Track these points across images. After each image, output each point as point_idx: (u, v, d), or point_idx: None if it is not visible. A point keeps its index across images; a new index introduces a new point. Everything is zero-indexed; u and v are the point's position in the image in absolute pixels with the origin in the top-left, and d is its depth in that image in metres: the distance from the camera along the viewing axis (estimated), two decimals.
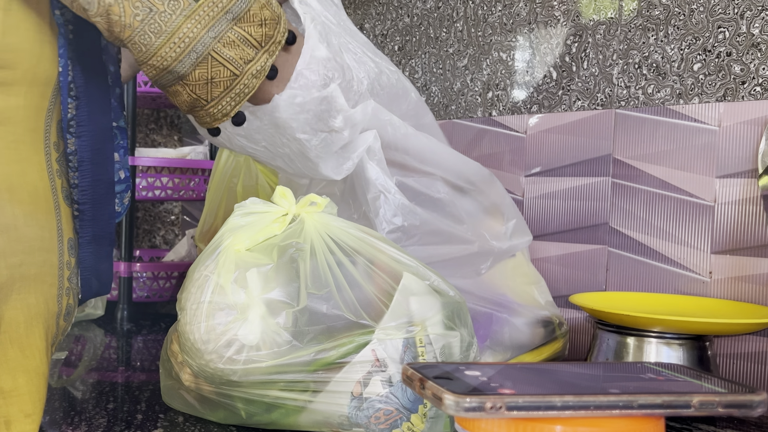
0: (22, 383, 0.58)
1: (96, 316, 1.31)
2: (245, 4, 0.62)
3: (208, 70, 0.61)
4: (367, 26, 1.39)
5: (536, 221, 1.10)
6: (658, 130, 0.96)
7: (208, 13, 0.60)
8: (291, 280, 0.66)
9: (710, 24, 0.93)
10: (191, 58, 0.60)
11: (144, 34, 0.58)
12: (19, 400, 0.58)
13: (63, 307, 0.63)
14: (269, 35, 0.64)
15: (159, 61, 0.60)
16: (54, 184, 0.63)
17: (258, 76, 0.64)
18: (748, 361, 0.88)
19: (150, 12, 0.58)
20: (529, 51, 1.13)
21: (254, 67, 0.63)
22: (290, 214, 0.70)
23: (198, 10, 0.59)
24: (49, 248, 0.61)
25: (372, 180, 0.76)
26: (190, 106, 0.65)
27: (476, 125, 1.18)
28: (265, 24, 0.63)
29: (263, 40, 0.63)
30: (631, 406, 0.36)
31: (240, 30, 0.62)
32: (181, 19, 0.59)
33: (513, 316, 0.87)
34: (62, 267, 0.63)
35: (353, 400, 0.64)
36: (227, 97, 0.64)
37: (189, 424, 0.70)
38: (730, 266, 0.90)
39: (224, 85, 0.63)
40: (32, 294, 0.60)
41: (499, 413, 0.35)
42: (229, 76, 0.62)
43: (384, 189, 0.77)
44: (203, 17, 0.60)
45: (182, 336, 0.67)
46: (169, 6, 0.58)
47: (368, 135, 0.75)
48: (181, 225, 1.87)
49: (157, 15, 0.58)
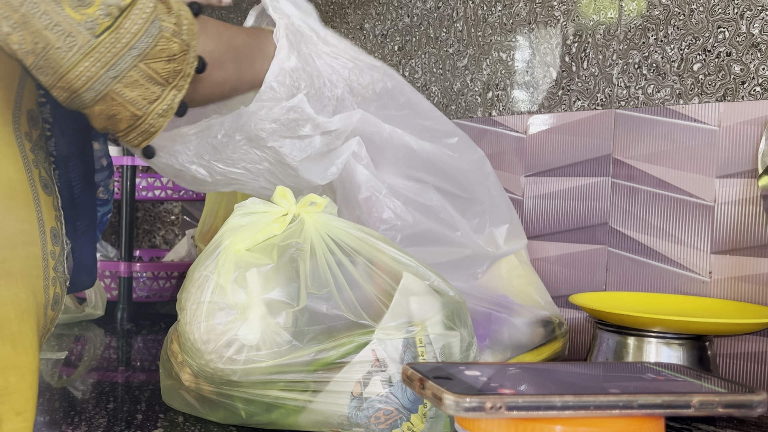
0: (13, 381, 0.58)
1: (96, 316, 1.31)
2: (151, 39, 0.57)
3: (108, 107, 0.58)
4: (367, 26, 1.39)
5: (536, 221, 1.10)
6: (658, 130, 0.96)
7: (109, 50, 0.56)
8: (291, 280, 0.66)
9: (710, 24, 0.93)
10: (89, 95, 0.57)
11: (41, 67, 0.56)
12: (10, 398, 0.58)
13: (50, 297, 0.63)
14: (177, 70, 0.60)
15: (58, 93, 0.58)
16: (31, 175, 0.62)
17: (165, 115, 0.61)
18: (748, 361, 0.88)
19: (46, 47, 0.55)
20: (529, 51, 1.13)
21: (160, 107, 0.60)
22: (290, 214, 0.70)
23: (98, 47, 0.55)
24: (31, 241, 0.61)
25: (362, 182, 0.77)
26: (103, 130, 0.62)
27: (476, 125, 1.18)
28: (173, 59, 0.59)
29: (170, 76, 0.59)
30: (631, 406, 0.36)
31: (145, 67, 0.58)
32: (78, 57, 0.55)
33: (512, 315, 0.87)
34: (46, 257, 0.62)
35: (353, 400, 0.64)
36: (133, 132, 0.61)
37: (189, 424, 0.70)
38: (730, 266, 0.90)
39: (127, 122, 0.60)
40: (21, 289, 0.59)
41: (499, 413, 0.35)
42: (131, 116, 0.59)
43: (375, 189, 0.78)
44: (103, 54, 0.56)
45: (182, 336, 0.67)
46: (65, 42, 0.55)
47: (352, 142, 0.77)
48: (181, 225, 1.87)
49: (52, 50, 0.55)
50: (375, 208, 0.78)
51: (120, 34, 0.56)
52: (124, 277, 1.33)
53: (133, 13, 0.56)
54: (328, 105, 0.74)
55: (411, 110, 0.83)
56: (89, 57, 0.55)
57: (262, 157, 0.74)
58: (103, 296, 1.32)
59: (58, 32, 0.54)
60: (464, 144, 0.88)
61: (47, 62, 0.55)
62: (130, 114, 0.59)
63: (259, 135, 0.71)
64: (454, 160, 0.86)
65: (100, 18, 0.55)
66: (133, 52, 0.57)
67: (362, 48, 1.40)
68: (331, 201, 0.71)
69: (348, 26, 1.44)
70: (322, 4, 1.48)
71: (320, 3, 1.49)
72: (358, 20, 1.41)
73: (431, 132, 0.85)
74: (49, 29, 0.54)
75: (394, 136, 0.80)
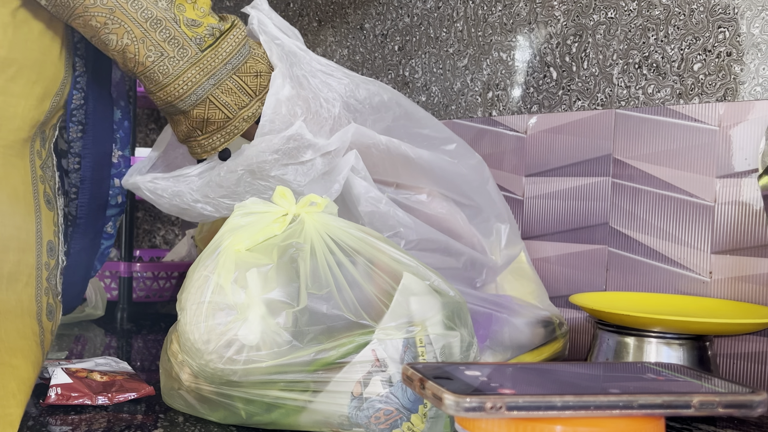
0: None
1: (96, 316, 1.31)
2: (242, 58, 0.70)
3: (205, 110, 0.70)
4: (367, 26, 1.39)
5: (536, 221, 1.10)
6: (658, 130, 0.96)
7: (211, 63, 0.68)
8: (291, 280, 0.66)
9: (710, 24, 0.93)
10: (192, 99, 0.69)
11: (154, 73, 0.67)
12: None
13: (43, 306, 0.66)
14: (263, 86, 0.72)
15: (165, 96, 0.69)
16: (36, 189, 0.67)
17: (248, 120, 0.72)
18: (748, 361, 0.88)
19: (161, 56, 0.67)
20: (529, 51, 1.13)
21: (247, 113, 0.72)
22: (290, 214, 0.70)
23: (203, 59, 0.68)
24: (25, 248, 0.65)
25: (362, 194, 0.78)
26: (186, 135, 0.72)
27: (476, 125, 1.18)
28: (260, 76, 0.72)
29: (257, 89, 0.72)
30: (631, 406, 0.36)
31: (238, 79, 0.70)
32: (187, 65, 0.67)
33: (513, 316, 0.87)
34: (40, 267, 0.66)
35: (353, 400, 0.64)
36: (218, 134, 0.72)
37: (189, 424, 0.70)
38: (730, 266, 0.90)
39: (218, 124, 0.71)
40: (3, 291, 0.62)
41: (499, 413, 0.35)
42: (223, 118, 0.71)
43: (375, 200, 0.78)
44: (206, 66, 0.68)
45: (182, 336, 0.67)
46: (178, 53, 0.67)
47: (350, 156, 0.78)
48: (181, 225, 1.87)
49: (167, 59, 0.67)
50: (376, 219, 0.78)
51: (219, 51, 0.69)
52: (124, 277, 1.33)
53: (230, 36, 0.69)
54: (325, 125, 0.76)
55: (407, 120, 0.84)
56: (195, 66, 0.68)
57: (266, 186, 0.76)
58: (103, 296, 1.32)
59: (174, 44, 0.67)
60: (463, 150, 0.88)
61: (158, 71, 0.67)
62: (223, 116, 0.71)
63: (262, 167, 0.73)
64: (453, 166, 0.86)
65: (206, 37, 0.68)
66: (229, 66, 0.69)
67: (362, 48, 1.40)
68: (331, 201, 0.71)
69: (348, 26, 1.44)
70: (322, 4, 1.48)
71: (320, 3, 1.49)
72: (358, 20, 1.41)
73: (429, 140, 0.86)
74: (167, 42, 0.66)
75: (391, 147, 0.80)
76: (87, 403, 0.74)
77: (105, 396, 0.75)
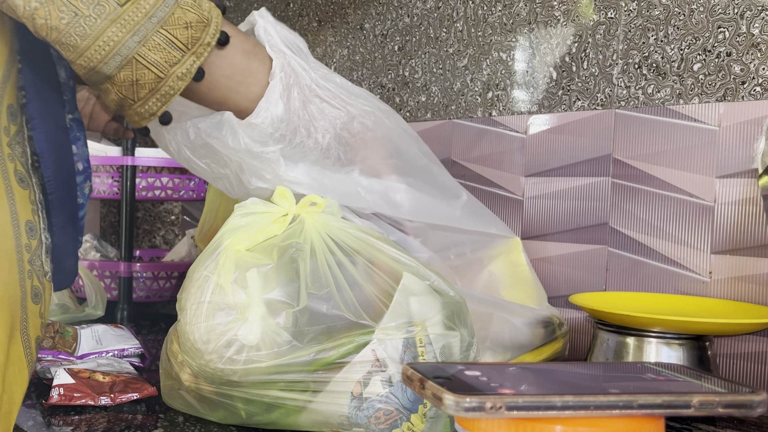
0: None
1: (96, 316, 1.31)
2: (168, 8, 0.64)
3: (133, 72, 0.64)
4: (367, 26, 1.40)
5: (536, 221, 1.10)
6: (658, 130, 0.96)
7: (132, 18, 0.62)
8: (291, 280, 0.66)
9: (710, 24, 0.93)
10: (116, 60, 0.62)
11: (69, 36, 0.60)
12: None
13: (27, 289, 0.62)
14: (195, 37, 0.65)
15: (86, 62, 0.62)
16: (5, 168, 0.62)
17: (184, 78, 0.66)
18: (748, 361, 0.88)
19: (75, 16, 0.60)
20: (529, 51, 1.13)
21: (180, 70, 0.65)
22: (290, 214, 0.70)
23: (123, 15, 0.61)
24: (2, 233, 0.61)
25: None
26: (119, 105, 0.67)
27: (476, 125, 1.18)
28: (190, 27, 0.65)
29: (189, 42, 0.65)
30: (631, 406, 0.36)
31: (165, 33, 0.64)
32: (106, 23, 0.61)
33: (513, 316, 0.87)
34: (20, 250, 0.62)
35: (353, 400, 0.64)
36: (153, 98, 0.66)
37: (189, 424, 0.70)
38: (730, 266, 0.90)
39: (149, 86, 0.65)
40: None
41: (499, 413, 0.35)
42: (154, 79, 0.65)
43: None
44: (128, 22, 0.62)
45: (182, 336, 0.67)
46: (94, 11, 0.60)
47: None
48: (181, 225, 1.87)
49: (82, 19, 0.60)
50: None
51: (141, 3, 0.62)
52: (124, 277, 1.33)
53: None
54: (309, 155, 0.74)
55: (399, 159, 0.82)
56: (116, 23, 0.61)
57: (225, 163, 0.74)
58: (103, 296, 1.32)
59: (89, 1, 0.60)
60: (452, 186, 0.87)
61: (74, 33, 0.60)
62: (154, 77, 0.64)
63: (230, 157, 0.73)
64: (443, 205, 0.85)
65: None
66: (153, 20, 0.62)
67: (362, 48, 1.40)
68: (331, 201, 0.71)
69: (348, 26, 1.44)
70: (322, 3, 1.48)
71: (320, 3, 1.49)
72: (358, 20, 1.41)
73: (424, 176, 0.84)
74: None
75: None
76: (90, 403, 0.74)
77: (107, 396, 0.75)
